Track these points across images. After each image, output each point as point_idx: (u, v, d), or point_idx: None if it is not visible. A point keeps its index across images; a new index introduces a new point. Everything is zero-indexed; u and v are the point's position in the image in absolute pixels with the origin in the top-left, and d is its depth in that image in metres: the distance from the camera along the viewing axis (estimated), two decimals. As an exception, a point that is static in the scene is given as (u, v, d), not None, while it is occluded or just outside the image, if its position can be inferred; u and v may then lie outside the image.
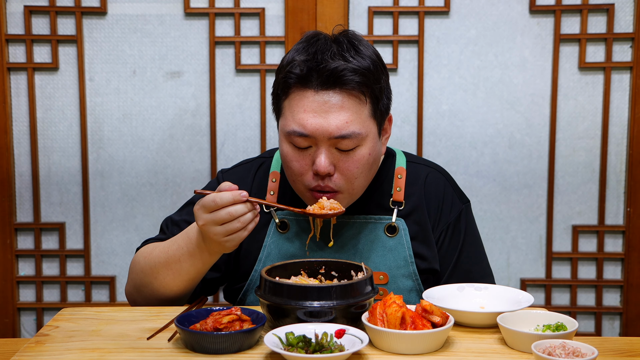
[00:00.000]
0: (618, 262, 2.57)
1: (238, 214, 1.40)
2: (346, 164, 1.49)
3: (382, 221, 1.61)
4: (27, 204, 2.56)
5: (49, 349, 1.32)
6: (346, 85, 1.45)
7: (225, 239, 1.42)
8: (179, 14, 2.50)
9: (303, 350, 1.22)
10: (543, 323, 1.36)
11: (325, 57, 1.45)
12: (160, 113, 2.53)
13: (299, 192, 1.57)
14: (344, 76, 1.44)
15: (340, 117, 1.45)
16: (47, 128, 2.54)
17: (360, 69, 1.46)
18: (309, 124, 1.46)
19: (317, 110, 1.45)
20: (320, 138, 1.46)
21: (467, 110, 2.51)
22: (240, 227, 1.41)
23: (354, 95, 1.46)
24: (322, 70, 1.44)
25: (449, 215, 1.66)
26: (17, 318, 2.59)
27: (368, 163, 1.51)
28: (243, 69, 2.50)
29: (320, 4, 2.45)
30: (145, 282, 1.59)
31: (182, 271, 1.54)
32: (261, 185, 1.68)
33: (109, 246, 2.58)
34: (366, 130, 1.48)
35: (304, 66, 1.46)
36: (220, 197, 1.39)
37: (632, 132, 2.49)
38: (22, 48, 2.50)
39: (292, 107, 1.48)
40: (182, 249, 1.52)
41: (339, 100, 1.45)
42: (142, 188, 2.56)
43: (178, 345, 1.32)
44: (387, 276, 1.60)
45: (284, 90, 1.50)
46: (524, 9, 2.47)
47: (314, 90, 1.46)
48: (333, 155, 1.48)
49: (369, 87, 1.47)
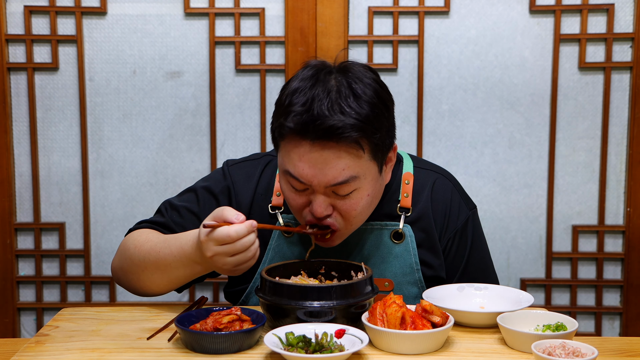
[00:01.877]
0: (618, 262, 2.57)
1: (250, 244, 1.38)
2: (344, 207, 1.46)
3: (389, 227, 1.60)
4: (27, 204, 2.56)
5: (49, 349, 1.32)
6: (344, 140, 1.39)
7: (235, 269, 1.41)
8: (179, 14, 2.50)
9: (303, 350, 1.22)
10: (543, 323, 1.36)
11: (322, 109, 1.38)
12: (160, 113, 2.53)
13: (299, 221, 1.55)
14: (342, 133, 1.38)
15: (336, 168, 1.41)
16: (47, 128, 2.54)
17: (358, 122, 1.39)
18: (305, 174, 1.42)
19: (312, 162, 1.41)
20: (316, 187, 1.43)
21: (467, 110, 2.51)
22: (251, 257, 1.40)
23: (352, 147, 1.41)
24: (318, 126, 1.38)
25: (457, 222, 1.64)
26: (17, 318, 2.59)
27: (367, 203, 1.48)
28: (243, 69, 2.50)
29: (320, 4, 2.45)
30: (132, 271, 1.56)
31: (172, 276, 1.52)
32: (268, 184, 1.66)
33: (109, 246, 2.58)
34: (364, 173, 1.44)
35: (299, 120, 1.39)
36: (237, 231, 1.36)
37: (632, 132, 2.49)
38: (22, 48, 2.50)
39: (288, 152, 1.44)
40: (174, 256, 1.49)
41: (335, 152, 1.40)
42: (142, 188, 2.56)
43: (178, 345, 1.32)
44: (392, 283, 1.59)
45: (280, 133, 1.45)
46: (524, 9, 2.47)
47: (310, 142, 1.40)
48: (330, 198, 1.45)
49: (367, 139, 1.42)
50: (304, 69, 1.46)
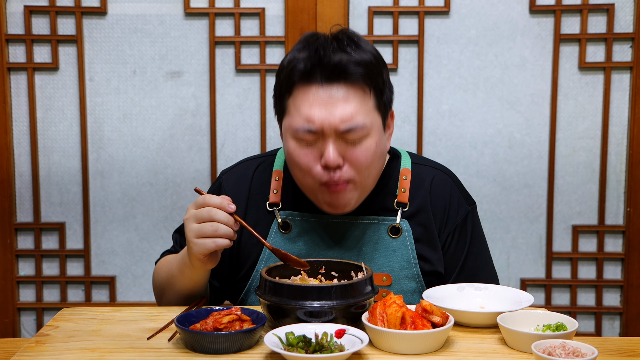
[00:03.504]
0: (618, 262, 2.57)
1: (215, 218, 1.41)
2: (354, 155, 1.48)
3: (386, 222, 1.60)
4: (27, 204, 2.56)
5: (49, 349, 1.32)
6: (350, 78, 1.46)
7: (194, 241, 1.43)
8: (179, 14, 2.50)
9: (303, 350, 1.22)
10: (543, 323, 1.36)
11: (328, 53, 1.46)
12: (160, 113, 2.53)
13: (308, 190, 1.55)
14: (348, 69, 1.45)
15: (345, 110, 1.46)
16: (47, 128, 2.54)
17: (362, 61, 1.47)
18: (316, 118, 1.46)
19: (322, 103, 1.46)
20: (327, 131, 1.46)
21: (467, 110, 2.51)
22: (210, 233, 1.41)
23: (358, 87, 1.47)
24: (325, 64, 1.45)
25: (456, 217, 1.65)
26: (17, 318, 2.59)
27: (376, 154, 1.51)
28: (243, 69, 2.50)
29: (320, 4, 2.45)
30: (159, 296, 1.67)
31: (176, 286, 1.57)
32: (261, 183, 1.67)
33: (109, 246, 2.58)
34: (371, 121, 1.49)
35: (307, 62, 1.47)
36: (210, 197, 1.43)
37: (632, 132, 2.49)
38: (22, 48, 2.50)
39: (297, 104, 1.48)
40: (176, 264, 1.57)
41: (343, 93, 1.46)
42: (142, 188, 2.56)
43: (178, 345, 1.32)
44: (390, 278, 1.59)
45: (287, 89, 1.50)
46: (524, 9, 2.47)
47: (319, 85, 1.46)
48: (341, 147, 1.48)
49: (372, 80, 1.48)
50: (300, 40, 1.54)
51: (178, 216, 2.55)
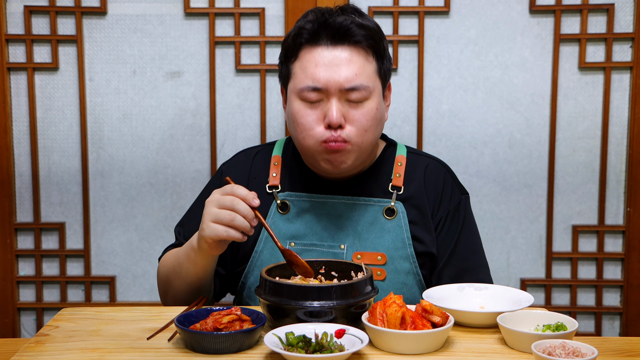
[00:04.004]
0: (618, 262, 2.57)
1: (235, 208, 1.44)
2: (356, 116, 1.57)
3: (381, 204, 1.67)
4: (27, 204, 2.56)
5: (49, 349, 1.32)
6: (354, 38, 1.56)
7: (208, 224, 1.46)
8: (179, 14, 2.50)
9: (303, 350, 1.22)
10: (543, 323, 1.36)
11: (333, 16, 1.58)
12: (160, 113, 2.53)
13: (308, 150, 1.61)
14: (351, 30, 1.56)
15: (349, 70, 1.55)
16: (47, 128, 2.54)
17: (365, 25, 1.59)
18: (322, 77, 1.55)
19: (327, 64, 1.56)
20: (331, 90, 1.55)
21: (467, 110, 2.51)
22: (226, 221, 1.44)
23: (362, 49, 1.57)
24: (330, 26, 1.56)
25: (449, 203, 1.71)
26: (17, 318, 2.59)
27: (376, 117, 1.60)
28: (243, 69, 2.50)
29: (320, 4, 2.45)
30: (166, 289, 1.69)
31: (183, 273, 1.59)
32: (261, 167, 1.74)
33: (109, 246, 2.58)
34: (373, 84, 1.58)
35: (313, 24, 1.58)
36: (238, 187, 1.48)
37: (632, 132, 2.49)
38: (22, 48, 2.50)
39: (303, 65, 1.58)
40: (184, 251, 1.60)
41: (347, 54, 1.56)
42: (142, 188, 2.56)
43: (178, 345, 1.32)
44: (385, 257, 1.65)
45: (293, 52, 1.60)
46: (524, 9, 2.47)
47: (324, 46, 1.57)
48: (343, 107, 1.57)
49: (374, 44, 1.59)
50: (305, 14, 1.65)
51: (178, 216, 2.55)
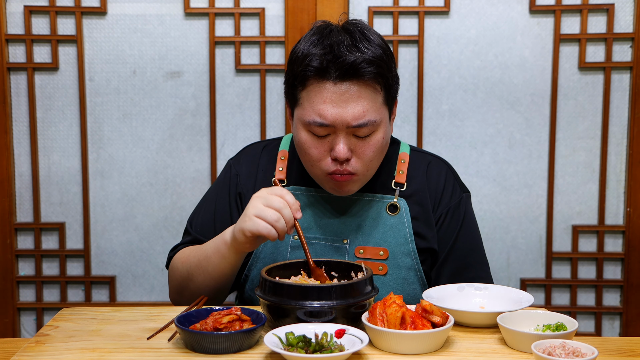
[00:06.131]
0: (618, 262, 2.57)
1: (282, 211, 1.46)
2: (363, 149, 1.57)
3: (385, 200, 1.68)
4: (27, 204, 2.56)
5: (49, 349, 1.32)
6: (363, 77, 1.52)
7: (252, 217, 1.46)
8: (179, 14, 2.50)
9: (303, 350, 1.22)
10: (543, 323, 1.36)
11: (342, 50, 1.52)
12: (160, 113, 2.53)
13: (315, 177, 1.63)
14: (362, 68, 1.51)
15: (357, 107, 1.53)
16: (47, 128, 2.54)
17: (375, 59, 1.53)
18: (329, 114, 1.53)
19: (335, 100, 1.53)
20: (338, 127, 1.54)
21: (467, 110, 2.51)
22: (270, 220, 1.45)
23: (370, 85, 1.54)
24: (340, 63, 1.51)
25: (450, 200, 1.72)
26: (17, 318, 2.59)
27: (382, 146, 1.60)
28: (243, 69, 2.50)
29: (320, 4, 2.45)
30: (184, 285, 1.67)
31: (209, 268, 1.59)
32: (268, 161, 1.75)
33: (109, 246, 2.58)
34: (380, 117, 1.57)
35: (322, 59, 1.52)
36: (288, 193, 1.48)
37: (632, 132, 2.49)
38: (22, 48, 2.50)
39: (310, 98, 1.55)
40: (212, 245, 1.59)
41: (356, 91, 1.53)
42: (142, 188, 2.56)
43: (178, 345, 1.32)
44: (387, 252, 1.65)
45: (301, 82, 1.57)
46: (524, 9, 2.47)
47: (332, 82, 1.53)
48: (350, 141, 1.56)
49: (383, 77, 1.55)
50: (311, 30, 1.60)
51: (178, 216, 2.55)
